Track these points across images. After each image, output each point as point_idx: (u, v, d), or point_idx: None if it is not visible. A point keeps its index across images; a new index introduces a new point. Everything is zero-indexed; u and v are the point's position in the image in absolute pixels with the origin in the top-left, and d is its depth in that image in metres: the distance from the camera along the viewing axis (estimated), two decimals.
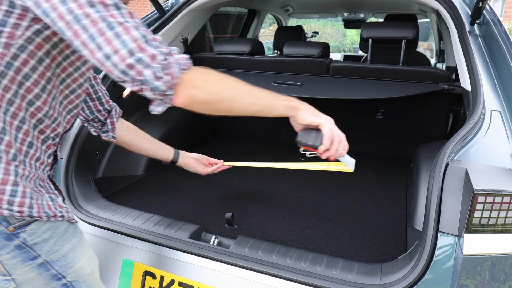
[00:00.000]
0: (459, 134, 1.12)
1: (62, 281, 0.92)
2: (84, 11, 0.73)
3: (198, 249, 1.24)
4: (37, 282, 0.90)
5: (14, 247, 0.85)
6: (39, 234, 0.88)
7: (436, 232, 1.02)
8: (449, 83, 1.93)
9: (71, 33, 0.74)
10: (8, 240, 0.85)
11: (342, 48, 11.66)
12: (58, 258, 0.91)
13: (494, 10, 1.63)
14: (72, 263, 0.94)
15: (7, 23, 0.77)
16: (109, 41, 0.74)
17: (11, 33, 0.77)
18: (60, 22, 0.74)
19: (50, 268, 0.90)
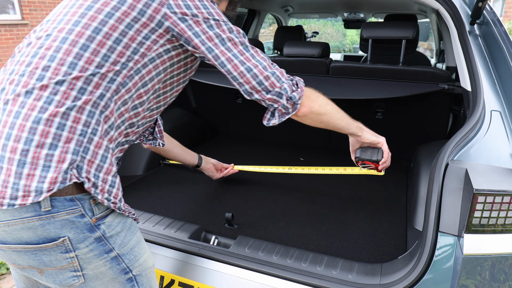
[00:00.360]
0: (459, 134, 1.12)
1: (128, 275, 0.93)
2: (227, 36, 0.95)
3: (198, 249, 1.24)
4: (106, 277, 0.90)
5: (94, 239, 0.86)
6: (113, 227, 0.89)
7: (436, 232, 1.02)
8: (449, 83, 1.93)
9: (218, 51, 0.94)
10: (91, 231, 0.85)
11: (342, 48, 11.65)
12: (127, 251, 0.92)
13: (494, 10, 1.62)
14: (138, 257, 0.95)
15: (150, 38, 0.91)
16: (248, 60, 0.96)
17: (149, 46, 0.92)
18: (209, 43, 0.94)
19: (121, 262, 0.91)
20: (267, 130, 2.63)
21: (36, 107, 0.81)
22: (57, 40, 0.86)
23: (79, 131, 0.83)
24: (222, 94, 2.45)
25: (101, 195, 0.85)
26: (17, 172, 0.78)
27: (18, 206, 0.78)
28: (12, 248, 0.83)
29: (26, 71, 0.84)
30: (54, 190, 0.79)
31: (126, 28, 0.88)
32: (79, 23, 0.87)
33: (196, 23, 0.92)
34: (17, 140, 0.79)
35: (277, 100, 0.99)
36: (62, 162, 0.80)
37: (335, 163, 2.23)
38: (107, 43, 0.87)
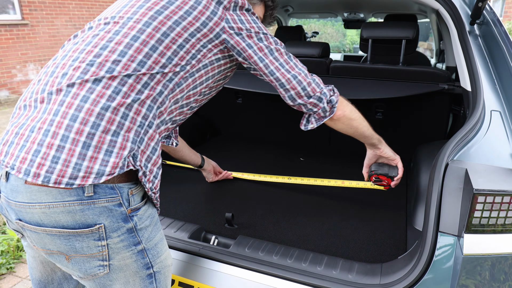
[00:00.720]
0: (459, 134, 1.12)
1: (149, 270, 0.96)
2: (274, 47, 1.07)
3: (198, 249, 1.24)
4: (129, 270, 0.92)
5: (126, 230, 0.89)
6: (143, 220, 0.93)
7: (436, 232, 1.02)
8: (449, 83, 1.93)
9: (268, 61, 1.06)
10: (125, 221, 0.88)
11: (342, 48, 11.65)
12: (152, 246, 0.95)
13: (494, 10, 1.62)
14: (160, 253, 0.98)
15: (207, 47, 1.02)
16: (293, 68, 1.08)
17: (205, 54, 1.02)
18: (260, 53, 1.05)
19: (145, 256, 0.94)
20: (267, 130, 2.65)
21: (104, 95, 0.86)
22: (128, 37, 0.93)
23: (138, 123, 0.89)
24: (222, 94, 2.44)
25: (148, 184, 0.91)
26: (81, 153, 0.82)
27: (77, 186, 0.81)
28: (47, 231, 0.85)
29: (95, 61, 0.89)
30: (115, 174, 0.84)
31: (190, 36, 0.98)
32: (150, 25, 0.95)
33: (249, 36, 1.04)
34: (84, 123, 0.83)
35: (317, 104, 1.10)
36: (123, 149, 0.86)
37: (335, 163, 2.24)
38: (173, 47, 0.96)
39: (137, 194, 0.91)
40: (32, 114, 0.87)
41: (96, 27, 0.98)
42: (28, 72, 7.24)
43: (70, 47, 0.96)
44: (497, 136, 1.13)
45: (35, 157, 0.81)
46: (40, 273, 1.07)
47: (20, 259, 2.39)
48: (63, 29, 7.84)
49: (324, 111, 1.12)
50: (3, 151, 0.86)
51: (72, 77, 0.88)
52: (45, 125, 0.84)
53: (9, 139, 0.87)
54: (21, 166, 0.82)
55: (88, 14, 8.36)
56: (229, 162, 2.05)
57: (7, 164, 0.84)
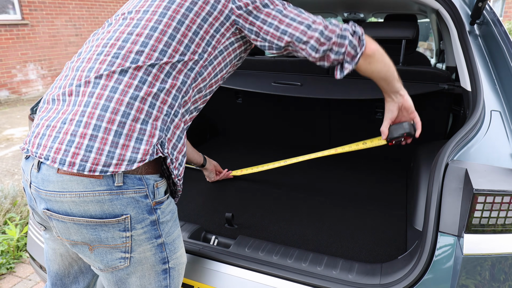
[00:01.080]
0: (459, 134, 1.12)
1: (165, 265, 0.98)
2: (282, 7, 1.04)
3: (198, 249, 1.24)
4: (147, 263, 0.95)
5: (150, 222, 0.91)
6: (165, 214, 0.95)
7: (436, 232, 1.02)
8: (449, 83, 1.93)
9: (277, 22, 1.02)
10: (149, 213, 0.91)
11: None
12: (170, 241, 0.97)
13: (494, 10, 1.62)
14: (176, 250, 1.00)
15: (219, 31, 1.02)
16: (306, 19, 1.02)
17: (218, 39, 1.02)
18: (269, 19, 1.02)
19: (164, 250, 0.96)
20: (267, 130, 2.65)
21: (132, 85, 0.89)
22: (147, 28, 0.96)
23: (165, 111, 0.92)
24: (222, 94, 2.45)
25: (174, 171, 0.95)
26: (113, 141, 0.85)
27: (111, 173, 0.84)
28: (75, 221, 0.87)
29: (119, 54, 0.93)
30: (146, 161, 0.87)
31: (202, 21, 0.99)
32: (166, 15, 0.97)
33: (255, 8, 1.02)
34: (115, 112, 0.86)
35: (343, 43, 1.02)
36: (152, 137, 0.89)
37: (335, 163, 2.24)
38: (189, 34, 0.98)
39: (161, 187, 0.94)
40: (62, 108, 0.90)
41: (115, 23, 1.02)
42: (28, 72, 7.24)
43: (93, 43, 1.00)
44: (497, 136, 1.13)
45: (69, 147, 0.84)
46: (58, 266, 1.10)
47: (20, 259, 2.39)
48: (63, 29, 7.84)
49: (353, 47, 1.02)
50: (35, 143, 0.89)
51: (99, 69, 0.91)
52: (76, 116, 0.86)
53: (40, 131, 0.89)
54: (55, 156, 0.84)
55: (88, 14, 8.36)
56: (229, 162, 2.05)
57: (40, 155, 0.86)
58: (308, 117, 2.41)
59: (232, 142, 2.65)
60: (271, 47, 1.06)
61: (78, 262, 1.11)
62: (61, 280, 1.12)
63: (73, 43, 8.13)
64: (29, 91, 7.35)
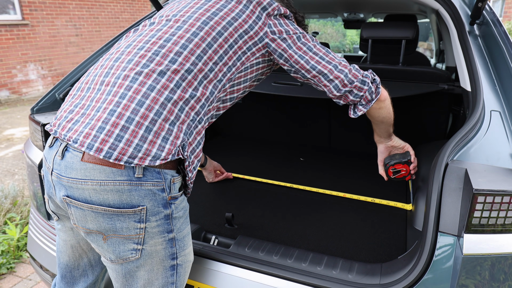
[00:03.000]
0: (459, 134, 1.12)
1: (174, 261, 1.00)
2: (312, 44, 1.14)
3: (198, 249, 1.24)
4: (157, 257, 0.97)
5: (164, 216, 0.95)
6: (179, 210, 0.99)
7: (436, 232, 1.02)
8: (449, 83, 1.93)
9: (308, 57, 1.12)
10: (164, 207, 0.94)
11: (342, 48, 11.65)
12: (181, 238, 1.01)
13: (494, 10, 1.62)
14: (185, 247, 1.02)
15: (251, 50, 1.10)
16: (333, 59, 1.13)
17: (248, 57, 1.10)
18: (300, 51, 1.11)
19: (174, 246, 0.98)
20: (268, 130, 2.65)
21: (168, 87, 0.94)
22: (189, 32, 1.02)
23: (191, 117, 0.97)
24: None
25: (189, 173, 0.99)
26: (143, 136, 0.89)
27: (135, 165, 0.87)
28: (93, 209, 0.90)
29: (160, 52, 0.97)
30: (168, 160, 0.91)
31: (239, 37, 1.07)
32: (207, 24, 1.04)
33: (289, 37, 1.11)
34: (149, 109, 0.91)
35: (362, 87, 1.13)
36: (177, 139, 0.93)
37: (335, 163, 2.24)
38: (225, 46, 1.04)
39: (177, 183, 0.97)
40: (96, 96, 0.94)
41: (158, 23, 1.07)
42: (28, 72, 7.24)
43: (134, 38, 1.04)
44: (497, 136, 1.13)
45: (99, 133, 0.87)
46: (68, 257, 1.13)
47: (21, 259, 2.39)
48: (63, 29, 7.84)
49: (370, 92, 1.15)
50: (66, 127, 0.92)
51: (138, 63, 0.95)
52: (111, 105, 0.90)
53: (74, 117, 0.93)
54: (84, 140, 0.87)
55: (88, 14, 8.36)
56: (229, 162, 2.05)
57: (69, 138, 0.89)
58: (308, 117, 2.42)
59: (232, 142, 2.65)
60: (297, 73, 1.16)
61: (88, 254, 1.14)
62: (71, 272, 1.15)
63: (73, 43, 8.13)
64: (30, 91, 7.35)
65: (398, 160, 1.37)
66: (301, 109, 2.40)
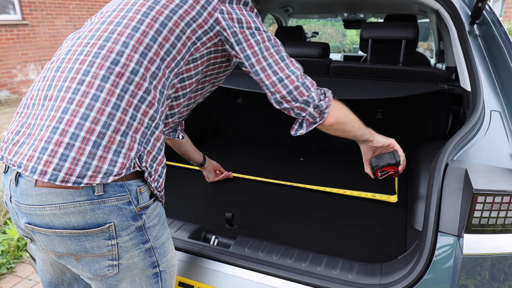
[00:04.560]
0: (459, 134, 1.12)
1: (156, 269, 0.96)
2: (265, 45, 1.01)
3: (198, 249, 1.24)
4: (136, 268, 0.93)
5: (135, 228, 0.89)
6: (152, 219, 0.93)
7: (436, 232, 1.02)
8: (449, 83, 1.93)
9: (255, 60, 1.00)
10: (134, 220, 0.88)
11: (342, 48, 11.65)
12: (159, 245, 0.95)
13: (494, 10, 1.62)
14: (166, 253, 0.98)
15: (201, 40, 0.98)
16: (282, 69, 1.00)
17: (198, 48, 0.99)
18: (248, 51, 0.99)
19: (153, 255, 0.94)
20: (267, 130, 2.65)
21: (114, 94, 0.85)
22: (129, 27, 0.91)
23: (146, 124, 0.89)
24: (222, 94, 2.45)
25: (153, 183, 0.92)
26: (91, 152, 0.81)
27: (85, 185, 0.80)
28: (58, 233, 0.84)
29: (100, 53, 0.88)
30: (122, 175, 0.84)
31: (186, 26, 0.95)
32: (148, 15, 0.93)
33: (241, 31, 0.99)
34: (96, 122, 0.82)
35: (305, 109, 1.03)
36: (130, 150, 0.86)
37: (335, 163, 2.24)
38: (171, 38, 0.93)
39: (145, 192, 0.91)
40: (41, 113, 0.86)
41: (97, 22, 0.97)
42: (28, 72, 7.24)
43: (73, 42, 0.95)
44: (497, 136, 1.13)
45: (42, 155, 0.80)
46: (50, 275, 1.07)
47: (21, 259, 2.39)
48: (63, 29, 7.84)
49: (312, 116, 1.05)
50: (13, 151, 0.86)
51: (79, 71, 0.86)
52: (53, 122, 0.82)
53: (20, 139, 0.86)
54: (28, 164, 0.81)
55: (89, 14, 8.36)
56: (229, 162, 2.05)
57: (14, 162, 0.83)
58: None
59: (232, 142, 2.65)
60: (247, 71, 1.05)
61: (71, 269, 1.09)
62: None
63: None
64: None
65: (386, 163, 1.29)
66: None
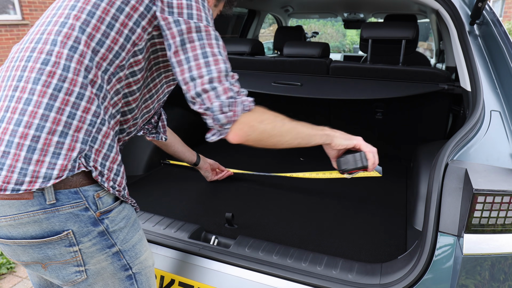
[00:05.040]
0: (459, 134, 1.12)
1: (128, 272, 0.94)
2: (189, 36, 0.88)
3: (198, 249, 1.24)
4: (106, 273, 0.91)
5: (97, 233, 0.87)
6: (117, 222, 0.91)
7: (436, 232, 1.03)
8: (449, 83, 1.93)
9: (172, 52, 0.88)
10: (94, 225, 0.86)
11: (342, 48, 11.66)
12: (129, 248, 0.93)
13: (494, 10, 1.63)
14: (139, 254, 0.96)
15: (140, 25, 0.89)
16: (199, 67, 0.87)
17: (140, 35, 0.90)
18: (170, 40, 0.88)
19: (122, 258, 0.92)
20: None
21: (46, 94, 0.81)
22: (57, 24, 0.87)
23: (89, 121, 0.84)
24: None
25: (107, 183, 0.88)
26: (26, 157, 0.79)
27: (23, 191, 0.78)
28: (18, 243, 0.84)
29: (32, 57, 0.85)
30: (63, 177, 0.80)
31: (118, 11, 0.87)
32: (75, 7, 0.88)
33: (167, 17, 0.88)
34: (28, 126, 0.79)
35: (210, 116, 0.91)
36: (72, 151, 0.82)
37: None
38: (101, 27, 0.86)
39: (105, 196, 0.88)
40: None
41: (35, 26, 0.94)
42: None
43: (14, 50, 0.93)
44: (497, 136, 1.13)
45: None
46: (38, 279, 1.08)
47: None
48: None
49: (215, 127, 0.94)
50: None
51: (14, 77, 0.84)
52: None
53: None
54: None
55: None
56: (229, 162, 2.05)
57: None
58: (308, 117, 2.41)
59: None
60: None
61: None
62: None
63: None
64: None
65: (352, 167, 1.14)
66: (301, 109, 2.40)
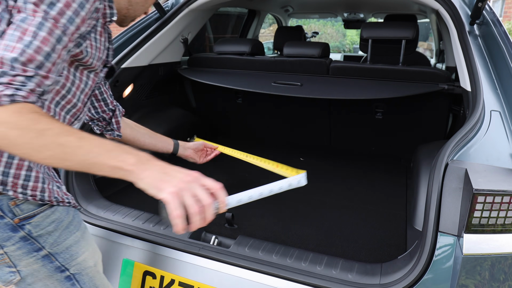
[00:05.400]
0: (459, 134, 1.12)
1: (65, 273, 0.95)
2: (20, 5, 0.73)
3: (198, 249, 1.24)
4: (41, 274, 0.92)
5: (19, 238, 0.87)
6: (43, 227, 0.90)
7: (436, 232, 1.03)
8: (449, 83, 1.93)
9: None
10: (14, 231, 0.87)
11: (342, 48, 11.65)
12: (61, 250, 0.93)
13: (494, 10, 1.63)
14: (75, 256, 0.96)
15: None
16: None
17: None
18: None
19: (54, 260, 0.92)
20: (267, 130, 2.65)
21: None
22: None
23: None
24: (222, 94, 2.45)
25: (13, 191, 0.85)
26: None
27: None
28: None
29: None
30: None
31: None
32: None
33: None
34: None
35: None
36: None
37: (335, 163, 2.24)
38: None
39: (25, 203, 0.88)
40: None
41: None
42: None
43: None
44: (497, 136, 1.13)
45: None
46: None
47: None
48: None
49: None
50: None
51: None
52: None
53: None
54: None
55: None
56: (228, 162, 2.05)
57: None
58: (308, 117, 2.42)
59: (232, 142, 2.65)
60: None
61: None
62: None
63: None
64: None
65: (163, 217, 0.84)
66: (301, 109, 2.40)
